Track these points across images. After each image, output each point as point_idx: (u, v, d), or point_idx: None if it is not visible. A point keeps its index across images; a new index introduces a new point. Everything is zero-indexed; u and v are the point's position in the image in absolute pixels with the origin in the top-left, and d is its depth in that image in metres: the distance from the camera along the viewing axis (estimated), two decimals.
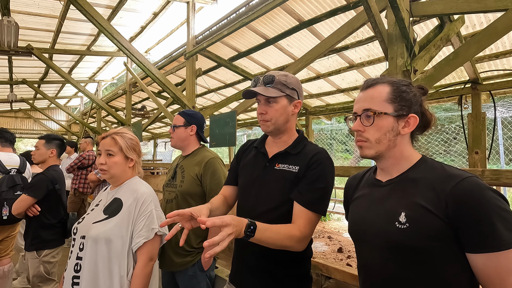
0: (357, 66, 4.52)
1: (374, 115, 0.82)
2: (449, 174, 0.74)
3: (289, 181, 1.06)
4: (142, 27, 5.60)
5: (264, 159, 1.16)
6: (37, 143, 2.26)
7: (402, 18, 1.72)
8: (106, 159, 1.30)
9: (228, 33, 3.55)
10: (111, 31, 3.25)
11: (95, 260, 1.18)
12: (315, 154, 1.08)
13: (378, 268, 0.80)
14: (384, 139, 0.83)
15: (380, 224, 0.80)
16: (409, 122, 0.82)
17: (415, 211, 0.74)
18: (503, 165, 7.28)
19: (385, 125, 0.82)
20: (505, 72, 3.89)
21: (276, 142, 1.17)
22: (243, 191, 1.20)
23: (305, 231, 1.00)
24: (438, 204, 0.72)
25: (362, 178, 0.98)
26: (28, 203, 2.08)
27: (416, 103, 0.83)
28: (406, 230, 0.74)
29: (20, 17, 4.74)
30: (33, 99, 10.44)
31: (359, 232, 0.88)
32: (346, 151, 15.05)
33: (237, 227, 0.83)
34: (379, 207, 0.83)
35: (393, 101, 0.82)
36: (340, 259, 4.25)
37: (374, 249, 0.81)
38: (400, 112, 0.82)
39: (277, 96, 1.09)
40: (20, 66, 7.11)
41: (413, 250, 0.73)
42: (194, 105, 3.95)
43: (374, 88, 0.86)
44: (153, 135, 11.58)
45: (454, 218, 0.70)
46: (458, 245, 0.71)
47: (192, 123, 1.75)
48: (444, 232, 0.70)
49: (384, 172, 0.88)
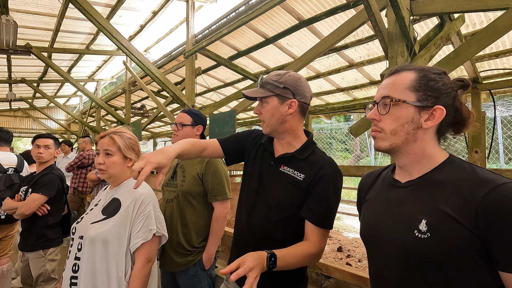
0: (357, 65, 4.51)
1: (391, 102, 0.73)
2: (482, 178, 0.64)
3: (293, 186, 1.05)
4: (141, 26, 5.58)
5: (270, 158, 1.14)
6: (48, 142, 2.21)
7: (403, 17, 1.72)
8: (105, 158, 1.29)
9: (227, 32, 3.54)
10: (110, 30, 3.24)
11: (92, 261, 1.18)
12: (323, 167, 1.04)
13: (392, 279, 0.73)
14: (401, 131, 0.73)
15: (396, 231, 0.72)
16: (434, 115, 0.71)
17: (438, 219, 0.65)
18: (502, 164, 7.29)
19: (403, 115, 0.72)
20: (505, 71, 3.89)
21: (280, 143, 1.14)
22: (245, 187, 1.18)
23: (320, 246, 1.02)
24: (466, 213, 0.62)
25: (378, 177, 0.89)
26: (41, 202, 2.06)
27: (447, 94, 0.72)
28: (427, 240, 0.65)
29: (19, 15, 4.73)
30: (32, 98, 10.41)
31: (372, 237, 0.80)
32: (345, 150, 15.06)
33: (259, 265, 0.82)
34: (396, 211, 0.74)
35: (417, 90, 0.72)
36: (339, 258, 4.25)
37: (388, 258, 0.74)
38: (424, 102, 0.71)
39: (265, 96, 1.07)
40: (19, 65, 7.09)
41: (434, 262, 0.65)
42: (193, 104, 3.94)
43: (398, 74, 0.76)
44: (152, 134, 11.56)
45: (485, 230, 0.61)
46: (488, 261, 0.62)
47: (199, 123, 1.76)
48: (471, 245, 0.62)
49: (403, 171, 0.78)
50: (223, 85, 6.10)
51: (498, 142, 7.02)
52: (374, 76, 4.89)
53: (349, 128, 2.05)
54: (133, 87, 6.82)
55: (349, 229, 6.05)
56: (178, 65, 5.06)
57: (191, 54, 4.05)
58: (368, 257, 0.85)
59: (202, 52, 4.04)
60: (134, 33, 5.80)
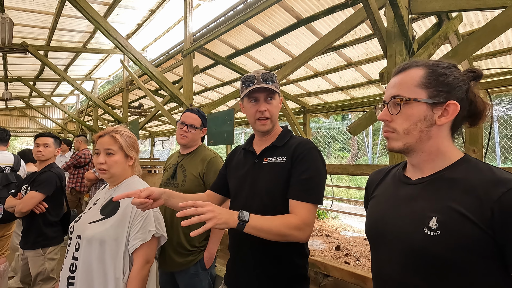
0: (355, 64, 4.51)
1: (401, 102, 0.71)
2: (499, 178, 0.62)
3: (278, 171, 1.07)
4: (138, 24, 5.55)
5: (253, 157, 1.17)
6: (48, 141, 2.22)
7: (401, 15, 1.72)
8: (106, 158, 1.27)
9: (225, 31, 3.52)
10: (108, 28, 3.21)
11: (89, 261, 1.16)
12: (298, 144, 1.09)
13: (397, 277, 0.71)
14: (414, 130, 0.71)
15: (405, 228, 0.70)
16: (448, 111, 0.69)
17: (450, 217, 0.63)
18: (499, 163, 7.35)
19: (416, 114, 0.70)
20: (502, 71, 3.91)
21: (263, 140, 1.18)
22: (235, 193, 1.19)
23: (301, 218, 0.97)
24: (481, 212, 0.60)
25: (388, 174, 0.87)
26: (38, 199, 2.06)
27: (459, 88, 0.70)
28: (436, 238, 0.63)
29: (15, 13, 4.68)
30: (29, 97, 10.33)
31: (378, 233, 0.77)
32: (343, 149, 15.10)
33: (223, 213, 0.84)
34: (404, 208, 0.72)
35: (427, 86, 0.70)
36: (338, 257, 4.26)
37: (394, 255, 0.72)
38: (436, 98, 0.69)
39: (278, 92, 1.13)
40: (15, 64, 7.03)
41: (442, 262, 0.63)
42: (191, 103, 3.93)
43: (406, 72, 0.74)
44: (150, 133, 11.52)
45: (500, 231, 0.59)
46: (498, 262, 0.60)
47: (205, 126, 1.77)
48: (484, 245, 0.60)
49: (415, 168, 0.76)
50: (221, 84, 6.09)
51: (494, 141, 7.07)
52: (372, 75, 4.90)
53: (348, 127, 2.05)
54: (130, 86, 6.79)
55: (347, 228, 6.07)
56: (176, 63, 5.04)
57: (189, 53, 4.03)
58: (371, 254, 0.82)
59: (200, 50, 4.02)
60: (132, 31, 5.76)
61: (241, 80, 1.14)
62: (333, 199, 7.78)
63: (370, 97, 5.61)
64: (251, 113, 1.14)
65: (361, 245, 4.71)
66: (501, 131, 7.46)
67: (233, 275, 1.16)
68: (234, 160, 1.27)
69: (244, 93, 1.11)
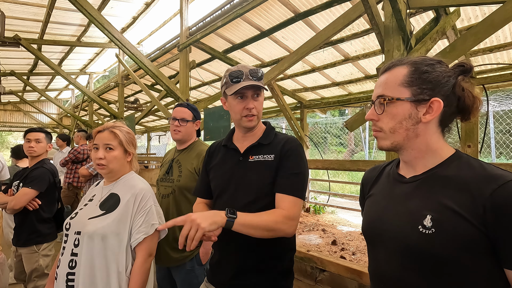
0: (352, 59, 4.50)
1: (385, 102, 0.73)
2: (490, 174, 0.63)
3: (267, 169, 1.07)
4: (134, 18, 5.47)
5: (236, 155, 1.15)
6: (39, 136, 2.16)
7: (399, 10, 1.70)
8: (105, 153, 1.27)
9: (222, 25, 3.48)
10: (102, 22, 3.16)
11: (91, 257, 1.16)
12: (286, 142, 1.11)
13: (394, 275, 0.72)
14: (400, 128, 0.72)
15: (400, 227, 0.71)
16: (432, 108, 0.70)
17: (444, 215, 0.64)
18: (494, 159, 7.42)
19: (400, 112, 0.72)
20: (498, 66, 3.92)
21: (246, 136, 1.16)
22: (219, 191, 1.16)
23: (290, 211, 1.00)
24: (473, 209, 0.61)
25: (382, 172, 0.88)
26: (31, 196, 2.03)
27: (444, 84, 0.70)
28: (431, 236, 0.64)
29: (6, 5, 4.59)
30: (23, 91, 10.20)
31: (375, 233, 0.78)
32: (340, 144, 15.14)
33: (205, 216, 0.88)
34: (400, 207, 0.73)
35: (410, 84, 0.71)
36: (334, 251, 4.29)
37: (390, 254, 0.73)
38: (420, 96, 0.70)
39: (265, 88, 1.13)
40: (8, 58, 6.92)
41: (438, 259, 0.64)
42: (188, 98, 3.90)
43: (391, 71, 0.75)
44: (146, 129, 11.45)
45: (493, 227, 0.60)
46: (494, 258, 0.61)
47: (198, 118, 1.75)
48: (477, 241, 0.61)
49: (408, 166, 0.77)
50: (218, 78, 6.04)
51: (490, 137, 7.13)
52: (369, 70, 4.90)
53: (345, 123, 2.05)
54: (126, 81, 6.72)
55: (343, 222, 6.11)
56: (172, 58, 4.99)
57: (185, 47, 3.98)
58: (368, 253, 0.83)
59: (196, 45, 3.98)
60: (127, 25, 5.68)
61: (228, 75, 1.09)
62: (329, 194, 7.83)
63: (367, 93, 5.61)
64: (237, 110, 1.10)
65: (357, 240, 4.74)
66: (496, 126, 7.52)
67: (217, 272, 1.15)
68: (215, 158, 1.24)
69: (234, 91, 1.06)
